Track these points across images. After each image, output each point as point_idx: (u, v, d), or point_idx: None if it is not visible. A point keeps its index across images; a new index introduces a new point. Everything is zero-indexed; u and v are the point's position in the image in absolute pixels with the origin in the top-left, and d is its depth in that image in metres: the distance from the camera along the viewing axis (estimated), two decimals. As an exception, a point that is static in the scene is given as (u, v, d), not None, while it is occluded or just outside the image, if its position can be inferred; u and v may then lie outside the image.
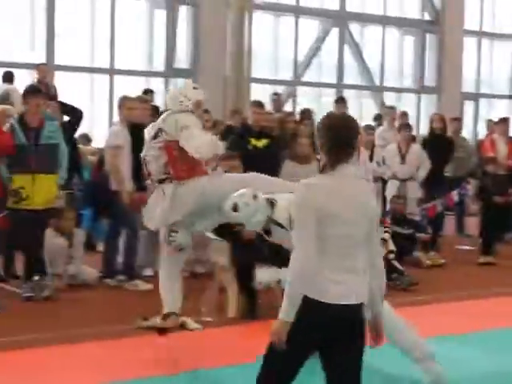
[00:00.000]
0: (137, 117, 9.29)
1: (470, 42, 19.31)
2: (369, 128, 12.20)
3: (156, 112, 11.19)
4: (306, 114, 12.75)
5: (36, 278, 8.48)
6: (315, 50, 17.50)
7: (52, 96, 11.33)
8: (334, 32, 17.57)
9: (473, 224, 12.83)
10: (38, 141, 8.14)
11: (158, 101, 12.53)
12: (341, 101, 12.87)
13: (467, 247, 12.06)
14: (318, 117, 12.17)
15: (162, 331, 6.78)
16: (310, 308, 3.95)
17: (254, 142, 10.24)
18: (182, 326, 7.23)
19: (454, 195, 12.08)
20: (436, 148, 12.18)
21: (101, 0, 15.20)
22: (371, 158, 11.61)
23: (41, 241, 8.26)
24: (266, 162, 9.05)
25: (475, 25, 19.34)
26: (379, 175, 11.93)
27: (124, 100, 9.40)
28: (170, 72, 15.72)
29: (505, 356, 7.24)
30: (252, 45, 15.91)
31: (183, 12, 16.00)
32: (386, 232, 10.81)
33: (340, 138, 4.03)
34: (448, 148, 12.77)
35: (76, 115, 10.27)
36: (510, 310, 9.14)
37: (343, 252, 4.04)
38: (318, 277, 3.96)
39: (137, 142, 8.09)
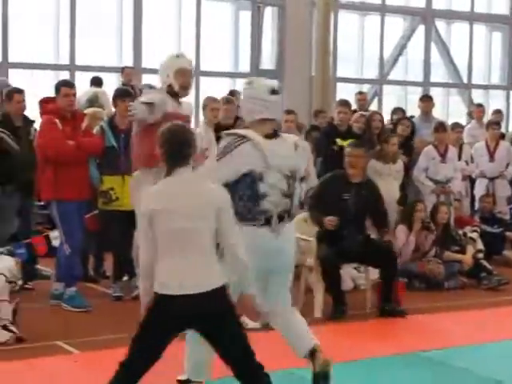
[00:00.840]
0: (221, 118, 9.37)
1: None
2: (457, 126, 12.03)
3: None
4: (399, 113, 12.65)
5: (125, 278, 8.65)
6: (401, 48, 17.36)
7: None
8: (420, 30, 17.40)
9: None
10: (127, 143, 8.28)
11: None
12: (425, 98, 12.71)
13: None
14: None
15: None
16: (156, 300, 4.51)
17: (340, 141, 10.23)
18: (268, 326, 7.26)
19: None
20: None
21: (187, 2, 15.36)
22: (460, 157, 11.44)
23: (130, 241, 8.39)
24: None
25: None
26: (468, 173, 11.76)
27: (208, 101, 9.47)
28: (256, 73, 15.80)
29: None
30: (337, 44, 15.93)
31: (268, 13, 16.07)
32: (474, 231, 10.70)
33: (174, 149, 4.56)
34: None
35: None
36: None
37: (181, 246, 4.50)
38: (158, 271, 4.51)
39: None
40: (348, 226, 8.23)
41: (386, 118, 12.18)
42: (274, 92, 5.46)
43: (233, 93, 12.16)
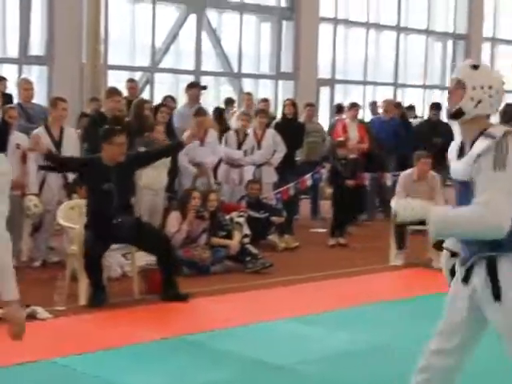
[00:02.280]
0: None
1: (325, 29, 19.68)
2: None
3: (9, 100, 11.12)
4: (169, 100, 12.85)
5: None
6: (173, 37, 17.49)
7: None
8: (192, 18, 17.58)
9: (327, 207, 13.17)
10: None
11: (11, 89, 12.30)
12: (191, 86, 13.04)
13: (321, 230, 12.38)
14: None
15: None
16: None
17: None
18: (33, 316, 7.24)
19: (307, 179, 12.39)
20: (287, 133, 12.46)
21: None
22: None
23: None
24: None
25: (330, 12, 19.73)
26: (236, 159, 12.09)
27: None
28: (24, 59, 15.45)
29: (356, 334, 7.55)
30: (109, 31, 15.84)
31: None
32: (241, 216, 11.05)
33: None
34: (299, 133, 13.11)
35: None
36: (358, 289, 9.52)
37: None
38: None
39: None
40: (116, 210, 8.33)
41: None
42: None
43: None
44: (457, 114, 4.16)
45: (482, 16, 23.05)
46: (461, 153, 4.25)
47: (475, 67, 4.17)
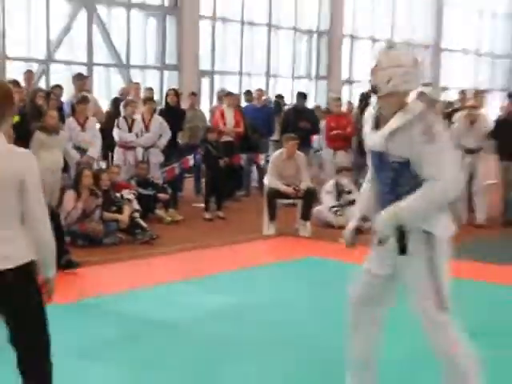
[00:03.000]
0: None
1: (205, 26, 19.74)
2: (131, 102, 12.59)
3: None
4: (57, 90, 12.77)
5: None
6: (66, 30, 17.18)
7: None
8: (83, 13, 17.30)
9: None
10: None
11: None
12: (80, 77, 13.03)
13: (203, 205, 12.53)
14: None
15: None
16: None
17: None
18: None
19: (190, 160, 12.49)
20: (170, 119, 12.53)
21: None
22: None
23: None
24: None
25: (209, 9, 19.79)
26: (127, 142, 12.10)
27: None
28: None
29: (233, 294, 7.76)
30: (5, 24, 15.47)
31: None
32: (131, 193, 11.11)
33: None
34: (180, 118, 13.25)
35: None
36: (235, 256, 9.72)
37: None
38: None
39: None
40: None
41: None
42: None
43: None
44: (373, 90, 4.28)
45: (342, 15, 23.52)
46: (376, 125, 4.35)
47: (389, 48, 4.27)
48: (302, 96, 14.85)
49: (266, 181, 11.38)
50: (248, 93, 16.31)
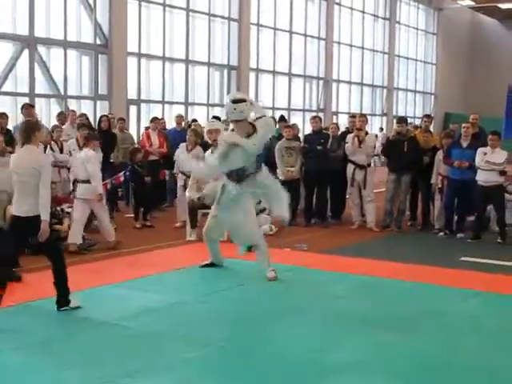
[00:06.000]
0: None
1: (132, 61, 19.49)
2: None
3: None
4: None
5: None
6: (12, 66, 16.69)
7: None
8: (26, 52, 16.84)
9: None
10: None
11: None
12: (28, 106, 12.50)
13: (133, 215, 12.30)
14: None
15: None
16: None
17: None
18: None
19: (121, 176, 12.21)
20: (103, 141, 12.16)
21: None
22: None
23: None
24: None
25: (135, 47, 19.55)
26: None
27: None
28: None
29: (161, 294, 7.59)
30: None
31: None
32: (70, 207, 10.77)
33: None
34: (112, 140, 13.03)
35: None
36: (162, 259, 9.54)
37: (21, 189, 6.53)
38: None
39: None
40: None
41: None
42: None
43: None
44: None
45: (248, 51, 23.57)
46: None
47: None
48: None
49: (187, 193, 11.23)
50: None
